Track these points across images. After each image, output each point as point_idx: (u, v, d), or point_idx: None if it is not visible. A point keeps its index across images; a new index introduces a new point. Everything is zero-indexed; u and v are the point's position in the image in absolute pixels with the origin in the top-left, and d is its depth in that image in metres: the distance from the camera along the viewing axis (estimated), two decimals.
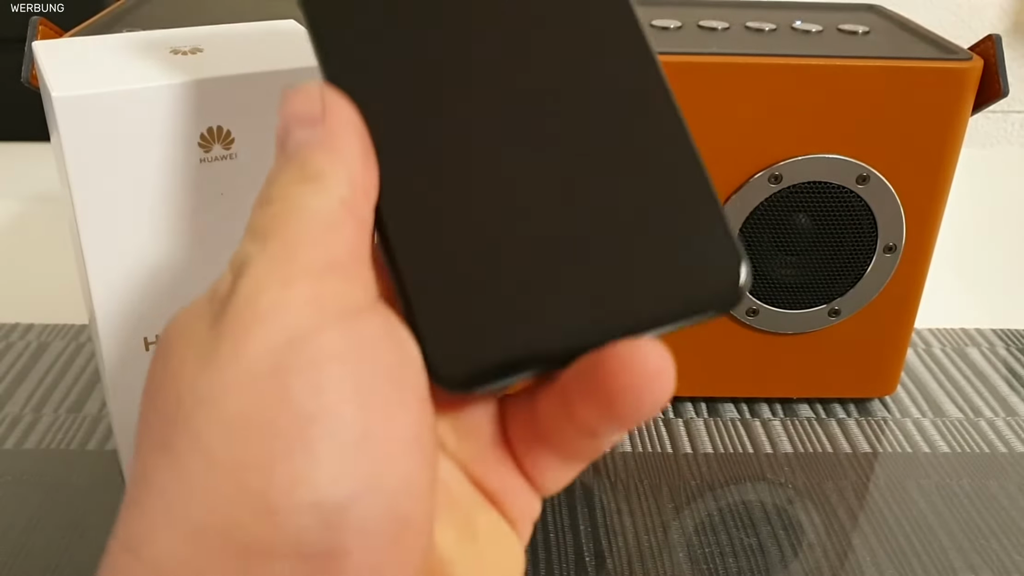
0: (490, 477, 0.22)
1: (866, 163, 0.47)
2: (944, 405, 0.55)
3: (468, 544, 0.21)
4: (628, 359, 0.18)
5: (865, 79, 0.45)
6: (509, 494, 0.22)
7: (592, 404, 0.19)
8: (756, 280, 0.50)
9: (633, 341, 0.18)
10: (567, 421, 0.20)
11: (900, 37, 0.50)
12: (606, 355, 0.19)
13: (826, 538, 0.45)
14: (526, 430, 0.21)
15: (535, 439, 0.21)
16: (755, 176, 0.47)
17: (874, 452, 0.51)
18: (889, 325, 0.52)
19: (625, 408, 0.19)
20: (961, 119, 0.47)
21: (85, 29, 0.46)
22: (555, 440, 0.21)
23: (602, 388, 0.19)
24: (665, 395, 0.18)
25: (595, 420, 0.19)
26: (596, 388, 0.19)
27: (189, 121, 0.32)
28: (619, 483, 0.48)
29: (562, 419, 0.20)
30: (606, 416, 0.19)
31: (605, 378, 0.18)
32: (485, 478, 0.22)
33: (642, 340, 0.19)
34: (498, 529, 0.22)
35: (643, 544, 0.44)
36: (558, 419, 0.20)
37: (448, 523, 0.21)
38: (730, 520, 0.46)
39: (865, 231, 0.49)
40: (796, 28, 0.50)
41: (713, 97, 0.45)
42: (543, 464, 0.22)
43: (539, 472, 0.22)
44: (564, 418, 0.20)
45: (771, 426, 0.53)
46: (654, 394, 0.18)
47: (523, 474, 0.22)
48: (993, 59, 0.46)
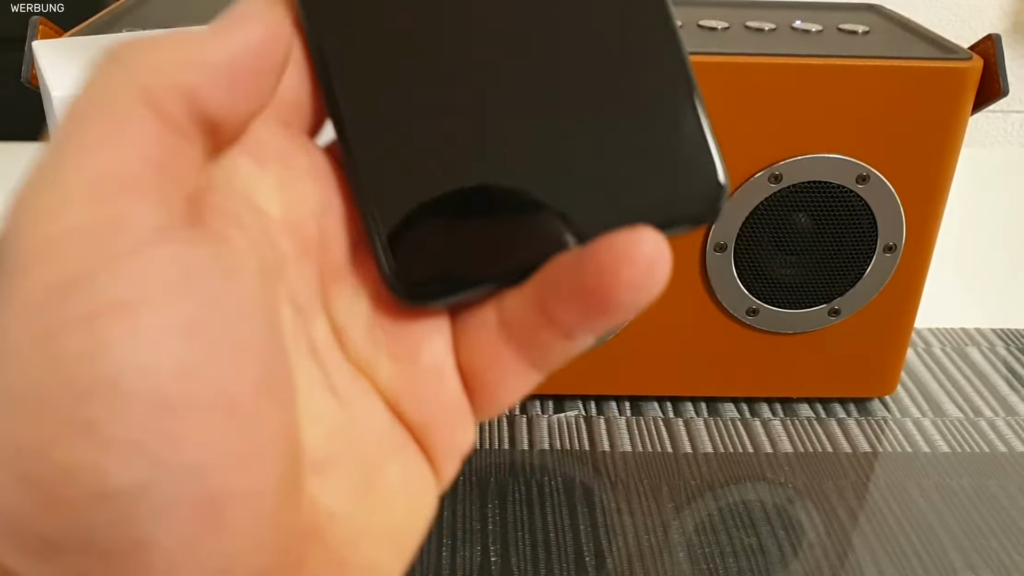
0: (426, 406, 0.20)
1: (866, 163, 0.47)
2: (944, 405, 0.55)
3: (364, 497, 0.19)
4: (625, 251, 0.17)
5: (865, 79, 0.45)
6: (445, 422, 0.20)
7: (577, 304, 0.18)
8: (756, 280, 0.50)
9: (629, 231, 0.17)
10: (542, 326, 0.19)
11: (900, 37, 0.50)
12: (598, 251, 0.17)
13: (826, 538, 0.45)
14: (486, 340, 0.20)
15: (497, 348, 0.20)
16: (755, 176, 0.47)
17: (874, 452, 0.51)
18: (889, 325, 0.52)
19: (620, 304, 0.17)
20: (961, 119, 0.47)
21: (85, 29, 0.46)
22: (523, 346, 0.19)
23: (593, 286, 0.17)
24: (663, 283, 0.17)
25: (578, 320, 0.18)
26: (584, 287, 0.17)
27: None
28: (619, 483, 0.48)
29: (535, 324, 0.19)
30: (593, 315, 0.18)
31: (599, 275, 0.17)
32: (419, 409, 0.20)
33: (638, 229, 0.17)
34: (408, 477, 0.20)
35: (643, 544, 0.44)
36: (529, 324, 0.19)
37: (341, 475, 0.19)
38: (730, 520, 0.46)
39: (865, 231, 0.49)
40: (796, 28, 0.50)
41: (714, 97, 0.45)
42: (501, 376, 0.20)
43: (494, 386, 0.20)
44: (538, 322, 0.19)
45: (771, 426, 0.53)
46: (653, 284, 0.17)
47: (470, 393, 0.20)
48: (993, 59, 0.46)
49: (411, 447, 0.20)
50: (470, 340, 0.20)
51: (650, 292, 0.17)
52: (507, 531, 0.45)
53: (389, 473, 0.20)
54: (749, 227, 0.48)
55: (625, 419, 0.53)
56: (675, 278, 0.55)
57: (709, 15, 0.51)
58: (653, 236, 0.17)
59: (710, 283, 0.50)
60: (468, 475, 0.48)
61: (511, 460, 0.50)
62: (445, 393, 0.20)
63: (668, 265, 0.17)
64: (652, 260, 0.17)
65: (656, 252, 0.17)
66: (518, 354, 0.20)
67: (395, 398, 0.20)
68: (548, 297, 0.18)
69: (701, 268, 0.50)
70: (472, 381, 0.20)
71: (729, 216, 0.48)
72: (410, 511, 0.20)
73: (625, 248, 0.17)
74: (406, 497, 0.20)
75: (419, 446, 0.20)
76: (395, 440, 0.20)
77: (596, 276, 0.17)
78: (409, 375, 0.20)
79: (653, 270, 0.17)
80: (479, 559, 0.43)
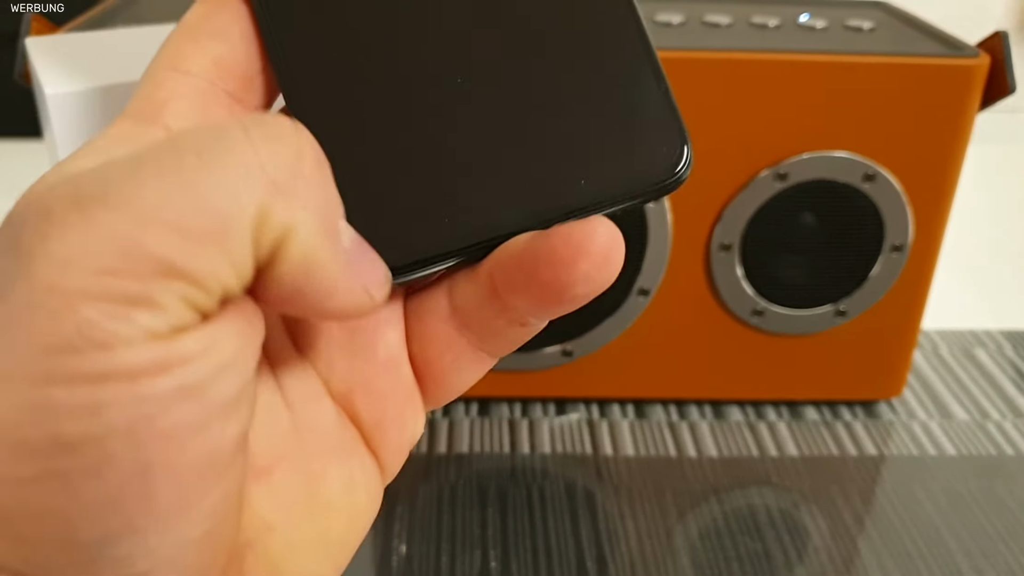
0: (381, 402, 0.20)
1: (873, 161, 0.47)
2: (951, 407, 0.55)
3: (304, 508, 0.19)
4: (581, 244, 0.17)
5: (871, 76, 0.45)
6: (399, 417, 0.20)
7: (533, 295, 0.18)
8: (762, 280, 0.49)
9: (584, 223, 0.17)
10: (495, 314, 0.19)
11: (907, 33, 0.49)
12: (554, 244, 0.17)
13: (832, 542, 0.45)
14: (439, 330, 0.20)
15: (450, 337, 0.20)
16: (760, 174, 0.47)
17: (880, 455, 0.51)
18: (896, 326, 0.51)
19: (576, 294, 0.18)
20: (968, 116, 0.46)
21: (78, 25, 0.45)
22: (477, 334, 0.20)
23: (549, 279, 0.17)
24: (617, 271, 0.17)
25: (532, 309, 0.18)
26: (541, 280, 0.18)
27: None
28: (622, 487, 0.48)
29: (488, 313, 0.19)
30: (548, 304, 0.18)
31: (556, 268, 0.17)
32: (374, 405, 0.20)
33: (592, 220, 0.17)
34: (351, 486, 0.20)
35: (646, 549, 0.44)
36: (483, 313, 0.19)
37: (283, 484, 0.19)
38: (735, 525, 0.46)
39: (872, 230, 0.48)
40: (802, 24, 0.50)
41: (718, 94, 0.45)
42: (454, 364, 0.20)
43: (446, 374, 0.20)
44: (491, 311, 0.19)
45: (777, 429, 0.52)
46: (609, 275, 0.17)
47: (422, 383, 0.21)
48: (1001, 56, 0.45)
49: (358, 450, 0.20)
50: (423, 331, 0.20)
51: (605, 282, 0.18)
52: (508, 536, 0.44)
53: (331, 483, 0.20)
54: (754, 227, 0.48)
55: (628, 422, 0.52)
56: (679, 279, 0.55)
57: (713, 11, 0.51)
58: (607, 227, 0.17)
59: (715, 284, 0.49)
60: (468, 479, 0.48)
61: (512, 464, 0.49)
62: (400, 386, 0.20)
63: (622, 254, 0.17)
64: (607, 251, 0.17)
65: (611, 243, 0.17)
66: (471, 342, 0.20)
67: (349, 396, 0.20)
68: (503, 288, 0.19)
69: (706, 269, 0.49)
70: (424, 371, 0.20)
71: (734, 215, 0.47)
72: (350, 522, 0.20)
73: (581, 241, 0.17)
74: (347, 508, 0.20)
75: (368, 445, 0.21)
76: (342, 444, 0.20)
77: (552, 269, 0.17)
78: (364, 370, 0.20)
79: (608, 261, 0.17)
80: (479, 565, 0.43)
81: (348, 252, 0.17)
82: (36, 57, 0.36)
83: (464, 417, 0.53)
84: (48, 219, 0.14)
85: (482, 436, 0.51)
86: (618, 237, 0.17)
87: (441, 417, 0.52)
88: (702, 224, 0.48)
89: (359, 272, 0.17)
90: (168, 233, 0.14)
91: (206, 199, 0.15)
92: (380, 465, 0.21)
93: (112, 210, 0.14)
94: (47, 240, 0.14)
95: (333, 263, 0.16)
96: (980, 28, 0.52)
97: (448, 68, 0.19)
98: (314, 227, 0.16)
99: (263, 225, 0.15)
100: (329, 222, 0.16)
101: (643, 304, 0.49)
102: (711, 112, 0.45)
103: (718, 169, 0.47)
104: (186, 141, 0.15)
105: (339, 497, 0.20)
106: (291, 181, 0.16)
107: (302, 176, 0.16)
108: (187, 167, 0.15)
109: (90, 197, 0.14)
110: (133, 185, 0.14)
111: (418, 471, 0.48)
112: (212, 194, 0.15)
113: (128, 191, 0.14)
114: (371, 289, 0.17)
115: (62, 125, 0.31)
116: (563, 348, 0.50)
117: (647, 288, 0.49)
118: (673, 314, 0.50)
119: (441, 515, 0.46)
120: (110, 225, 0.14)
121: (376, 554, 0.43)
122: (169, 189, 0.14)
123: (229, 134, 0.15)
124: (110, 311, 0.14)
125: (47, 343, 0.14)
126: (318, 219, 0.16)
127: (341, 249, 0.17)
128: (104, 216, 0.14)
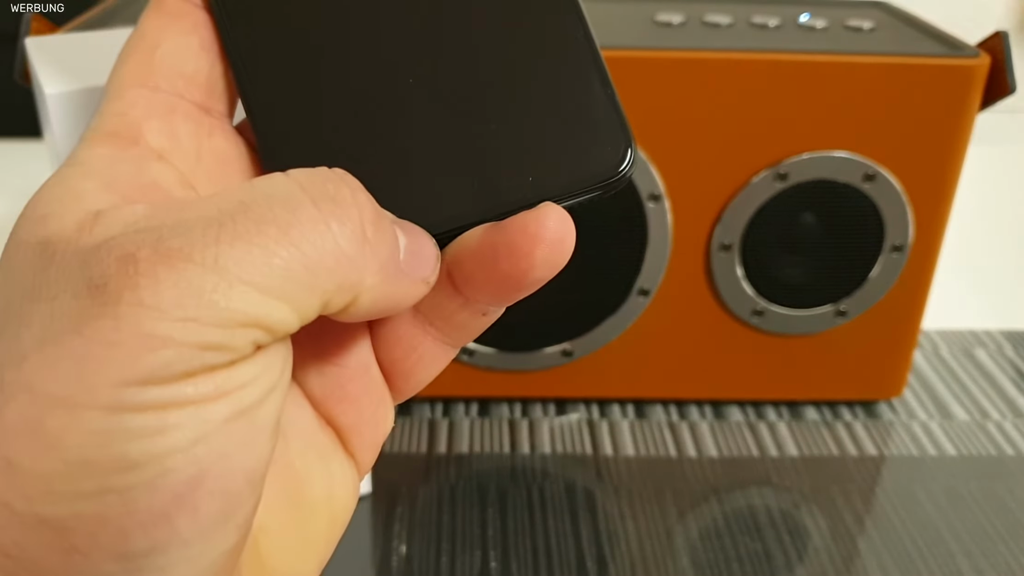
0: (354, 406, 0.21)
1: (873, 161, 0.47)
2: (951, 407, 0.55)
3: (291, 511, 0.21)
4: (536, 232, 0.18)
5: (871, 76, 0.45)
6: (372, 417, 0.22)
7: (494, 286, 0.19)
8: (762, 280, 0.49)
9: (535, 212, 0.19)
10: (458, 308, 0.20)
11: (907, 33, 0.49)
12: (509, 235, 0.19)
13: (832, 543, 0.45)
14: (404, 330, 0.21)
15: (415, 335, 0.21)
16: (760, 174, 0.47)
17: (881, 455, 0.51)
18: (896, 326, 0.51)
19: (535, 279, 0.19)
20: (968, 116, 0.46)
21: (78, 25, 0.45)
22: (441, 328, 0.21)
23: (510, 270, 0.19)
24: (570, 252, 0.19)
25: (494, 299, 0.20)
26: (501, 271, 0.19)
27: None
28: (622, 487, 0.48)
29: (450, 307, 0.20)
30: (509, 293, 0.19)
31: (515, 259, 0.18)
32: (347, 409, 0.21)
33: (543, 208, 0.19)
34: (331, 487, 0.21)
35: (646, 550, 0.44)
36: (445, 309, 0.20)
37: (272, 491, 0.20)
38: (735, 525, 0.46)
39: (872, 230, 0.48)
40: (802, 24, 0.49)
41: (718, 94, 0.45)
42: (419, 360, 0.21)
43: (413, 370, 0.21)
44: (453, 306, 0.20)
45: (777, 429, 0.52)
46: (563, 257, 0.19)
47: (390, 380, 0.22)
48: (1001, 56, 0.45)
49: (336, 451, 0.22)
50: (388, 334, 0.21)
51: (561, 262, 0.19)
52: (507, 537, 0.44)
53: (314, 483, 0.21)
54: (755, 226, 0.48)
55: (628, 422, 0.52)
56: (679, 279, 0.55)
57: (714, 11, 0.51)
58: (556, 212, 0.19)
59: (715, 284, 0.49)
60: (468, 479, 0.48)
61: (512, 464, 0.49)
62: (371, 389, 0.21)
63: (573, 235, 0.19)
64: (561, 235, 0.19)
65: (563, 227, 0.19)
66: (435, 337, 0.21)
67: (324, 401, 0.21)
68: (463, 284, 0.20)
69: (706, 269, 0.49)
70: (392, 369, 0.22)
71: (734, 215, 0.47)
72: (331, 520, 0.21)
73: (536, 230, 0.18)
74: (328, 506, 0.21)
75: (344, 446, 0.22)
76: (322, 446, 0.21)
77: (512, 259, 0.19)
78: (337, 376, 0.21)
79: (563, 243, 0.19)
80: (479, 565, 0.43)
81: (406, 263, 0.18)
82: (36, 57, 0.36)
83: (464, 417, 0.53)
84: (135, 267, 0.15)
85: (482, 436, 0.51)
86: (568, 220, 0.19)
87: (441, 417, 0.52)
88: (702, 224, 0.48)
89: (418, 272, 0.19)
90: (249, 292, 0.16)
91: (287, 270, 0.16)
92: (356, 462, 0.22)
93: (198, 266, 0.15)
94: (138, 289, 0.15)
95: (397, 292, 0.18)
96: (980, 28, 0.52)
97: (401, 70, 0.20)
98: (380, 282, 0.17)
99: (336, 292, 0.17)
100: (392, 266, 0.18)
101: (643, 304, 0.49)
102: (711, 112, 0.45)
103: (718, 169, 0.47)
104: (261, 209, 0.16)
105: (321, 496, 0.21)
106: (360, 250, 0.17)
107: (369, 243, 0.17)
108: (268, 238, 0.16)
109: (177, 252, 0.15)
110: (217, 246, 0.16)
111: (418, 471, 0.48)
112: (292, 267, 0.16)
113: (214, 252, 0.16)
114: (429, 278, 0.19)
115: (62, 125, 0.31)
116: (563, 348, 0.50)
117: (647, 288, 0.49)
118: (673, 314, 0.50)
119: (441, 515, 0.46)
120: (197, 281, 0.15)
121: (376, 554, 0.43)
122: (252, 256, 0.16)
123: (301, 205, 0.17)
124: (188, 354, 0.15)
125: (124, 377, 0.15)
126: (384, 274, 0.18)
127: (402, 276, 0.18)
128: (191, 272, 0.15)
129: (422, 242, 0.19)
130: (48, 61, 0.34)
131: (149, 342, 0.15)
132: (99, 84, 0.31)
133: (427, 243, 0.19)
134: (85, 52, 0.35)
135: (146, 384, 0.15)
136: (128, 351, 0.15)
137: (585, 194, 0.20)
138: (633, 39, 0.46)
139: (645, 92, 0.44)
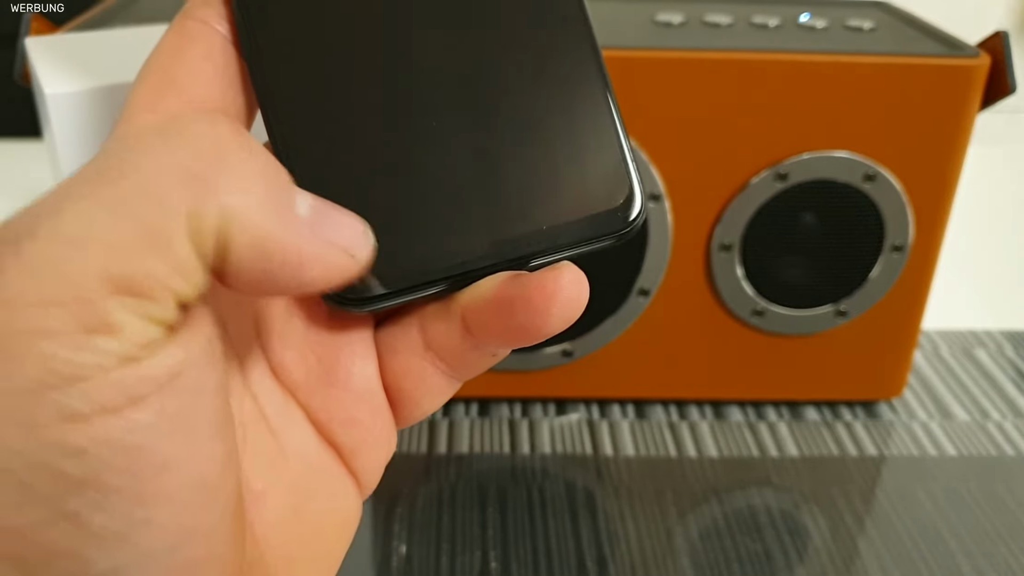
0: (356, 430, 0.21)
1: (873, 161, 0.46)
2: (951, 408, 0.55)
3: (296, 525, 0.21)
4: (553, 292, 0.19)
5: (871, 76, 0.45)
6: (375, 443, 0.22)
7: (508, 337, 0.20)
8: (762, 280, 0.49)
9: (552, 271, 0.19)
10: (469, 349, 0.21)
11: (907, 33, 0.49)
12: (527, 292, 0.19)
13: (832, 543, 0.45)
14: (412, 362, 0.21)
15: (423, 368, 0.21)
16: (761, 174, 0.47)
17: (881, 455, 0.51)
18: (896, 326, 0.51)
19: (549, 333, 0.19)
20: (969, 116, 0.46)
21: (78, 25, 0.45)
22: (450, 365, 0.21)
23: (526, 324, 0.19)
24: (583, 307, 0.19)
25: (504, 345, 0.20)
26: (518, 325, 0.19)
27: None
28: (622, 488, 0.48)
29: (462, 348, 0.21)
30: (520, 342, 0.20)
31: (532, 315, 0.19)
32: (350, 433, 0.21)
33: (559, 268, 0.19)
34: (334, 503, 0.21)
35: (647, 550, 0.44)
36: (456, 349, 0.21)
37: (275, 505, 0.20)
38: (735, 525, 0.46)
39: (872, 230, 0.48)
40: (802, 24, 0.49)
41: (718, 94, 0.45)
42: (426, 391, 0.21)
43: (418, 400, 0.22)
44: (465, 347, 0.21)
45: (777, 429, 0.52)
46: (575, 312, 0.19)
47: (394, 407, 0.22)
48: (1001, 56, 0.45)
49: (338, 471, 0.21)
50: (397, 364, 0.21)
51: (573, 319, 0.19)
52: (507, 537, 0.44)
53: (318, 502, 0.21)
54: (755, 227, 0.48)
55: (629, 423, 0.52)
56: (679, 279, 0.54)
57: (714, 11, 0.51)
58: (573, 273, 0.19)
59: (715, 284, 0.49)
60: (468, 479, 0.48)
61: (512, 464, 0.49)
62: (376, 415, 0.21)
63: (587, 293, 0.19)
64: (576, 294, 0.19)
65: (578, 287, 0.19)
66: (443, 371, 0.21)
67: (326, 424, 0.21)
68: (477, 330, 0.20)
69: (706, 269, 0.49)
70: (398, 396, 0.22)
71: (734, 215, 0.47)
72: (336, 537, 0.22)
73: (553, 290, 0.19)
74: (333, 523, 0.21)
75: (347, 467, 0.22)
76: (324, 466, 0.21)
77: (528, 315, 0.19)
78: (342, 400, 0.21)
79: (577, 300, 0.19)
80: (479, 565, 0.43)
81: (307, 219, 0.17)
82: (36, 57, 0.36)
83: (464, 417, 0.52)
84: None
85: (482, 436, 0.51)
86: (583, 280, 0.19)
87: (441, 417, 0.52)
88: (702, 224, 0.48)
89: (328, 236, 0.17)
90: (101, 250, 0.14)
91: (132, 210, 0.14)
92: (358, 483, 0.22)
93: (41, 240, 0.14)
94: None
95: (288, 234, 0.16)
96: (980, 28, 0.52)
97: (425, 112, 0.20)
98: (254, 206, 0.16)
99: (199, 221, 0.15)
100: (273, 196, 0.16)
101: (643, 304, 0.49)
102: (712, 112, 0.45)
103: (718, 169, 0.47)
104: (107, 160, 0.15)
105: (326, 514, 0.21)
106: (216, 170, 0.15)
107: (227, 163, 0.16)
108: (110, 184, 0.15)
109: (23, 234, 0.14)
110: (60, 213, 0.14)
111: (418, 471, 0.48)
112: (137, 204, 0.15)
113: (56, 219, 0.14)
114: (351, 249, 0.18)
115: (62, 125, 0.31)
116: (563, 348, 0.50)
117: (647, 288, 0.49)
118: (673, 314, 0.50)
119: (441, 515, 0.46)
120: (42, 255, 0.14)
121: (376, 554, 0.43)
122: (96, 209, 0.14)
123: (145, 142, 0.15)
124: (69, 342, 0.14)
125: (20, 387, 0.14)
126: (257, 198, 0.16)
127: (294, 218, 0.16)
128: (34, 248, 0.14)
129: (340, 212, 0.18)
130: (48, 61, 0.34)
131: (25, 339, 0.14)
132: (99, 84, 0.31)
133: (346, 215, 0.18)
134: (85, 52, 0.35)
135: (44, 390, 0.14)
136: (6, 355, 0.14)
137: (597, 243, 0.21)
138: (633, 39, 0.46)
139: (645, 92, 0.44)
